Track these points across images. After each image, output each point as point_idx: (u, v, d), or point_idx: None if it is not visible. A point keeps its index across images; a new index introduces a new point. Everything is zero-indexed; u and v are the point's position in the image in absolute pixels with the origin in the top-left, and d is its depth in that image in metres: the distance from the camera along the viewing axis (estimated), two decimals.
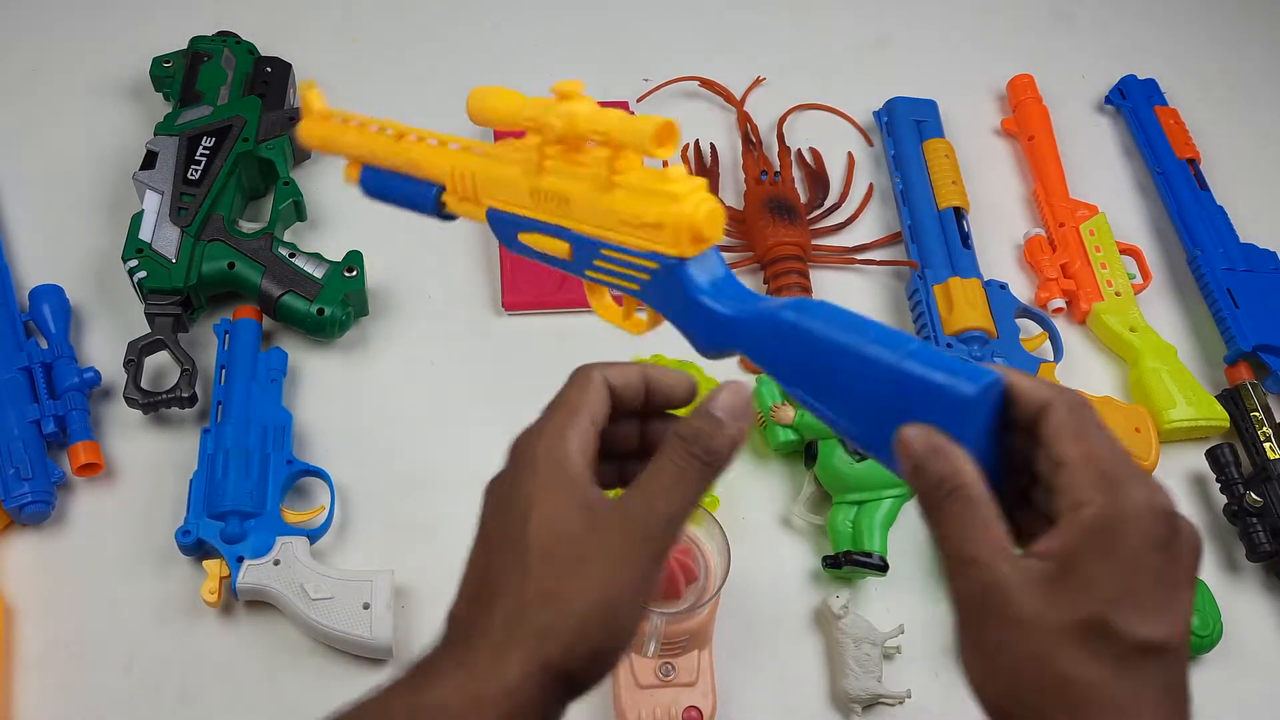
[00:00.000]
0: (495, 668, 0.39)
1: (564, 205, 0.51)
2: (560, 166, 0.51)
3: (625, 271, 0.51)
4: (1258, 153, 1.12)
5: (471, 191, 0.55)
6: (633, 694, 0.70)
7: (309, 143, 0.62)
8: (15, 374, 0.78)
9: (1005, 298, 0.92)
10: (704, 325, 0.49)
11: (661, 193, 0.47)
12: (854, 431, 0.45)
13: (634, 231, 0.49)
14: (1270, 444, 0.86)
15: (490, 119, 0.52)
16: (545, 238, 0.53)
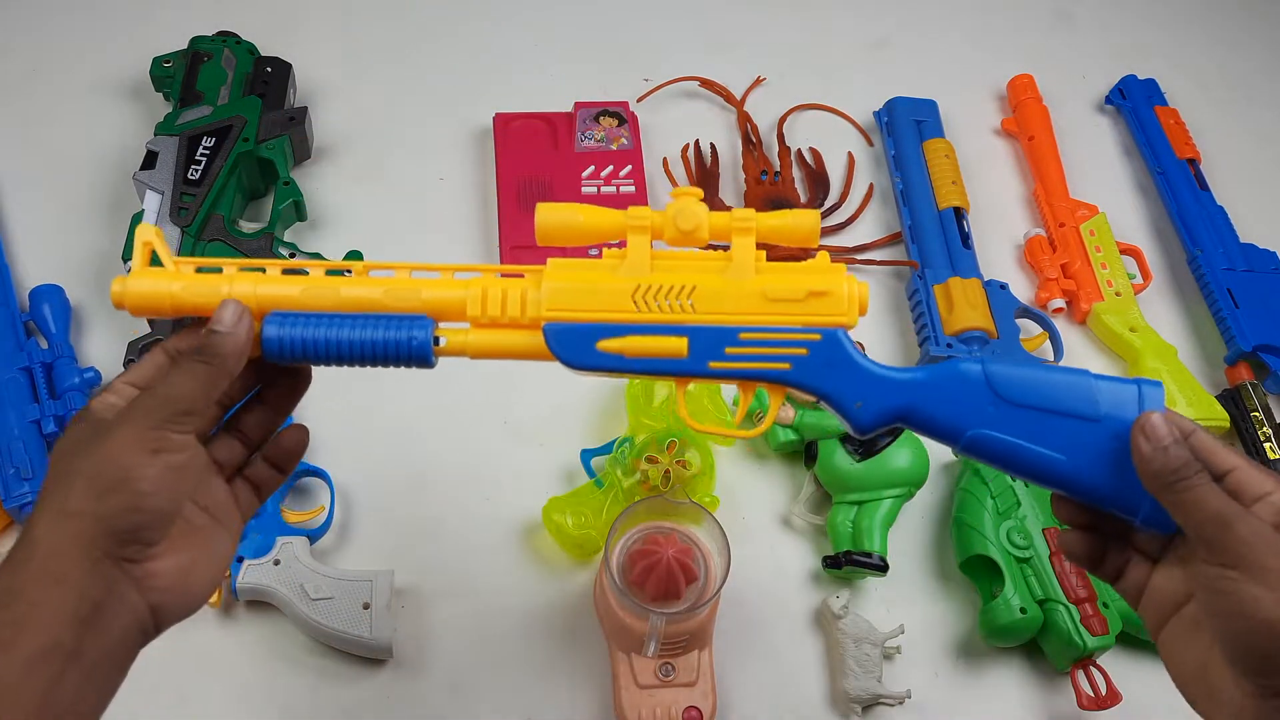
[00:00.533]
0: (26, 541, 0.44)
1: (683, 298, 0.50)
2: (671, 264, 0.51)
3: (772, 352, 0.50)
4: (1258, 153, 1.12)
5: (518, 312, 0.50)
6: (633, 694, 0.70)
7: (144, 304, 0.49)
8: (15, 374, 0.78)
9: (1005, 298, 0.92)
10: (873, 391, 0.51)
11: (812, 269, 0.51)
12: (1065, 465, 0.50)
13: (788, 308, 0.50)
14: (1270, 444, 0.86)
15: (577, 232, 0.51)
16: (649, 339, 0.50)
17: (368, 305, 0.49)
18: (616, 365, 0.50)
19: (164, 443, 0.45)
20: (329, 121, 1.00)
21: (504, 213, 0.94)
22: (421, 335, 0.49)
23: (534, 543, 0.79)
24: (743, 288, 0.50)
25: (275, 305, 0.49)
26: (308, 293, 0.49)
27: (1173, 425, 0.48)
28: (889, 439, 0.80)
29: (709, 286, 0.50)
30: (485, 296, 0.50)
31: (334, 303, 0.49)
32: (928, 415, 0.51)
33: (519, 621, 0.76)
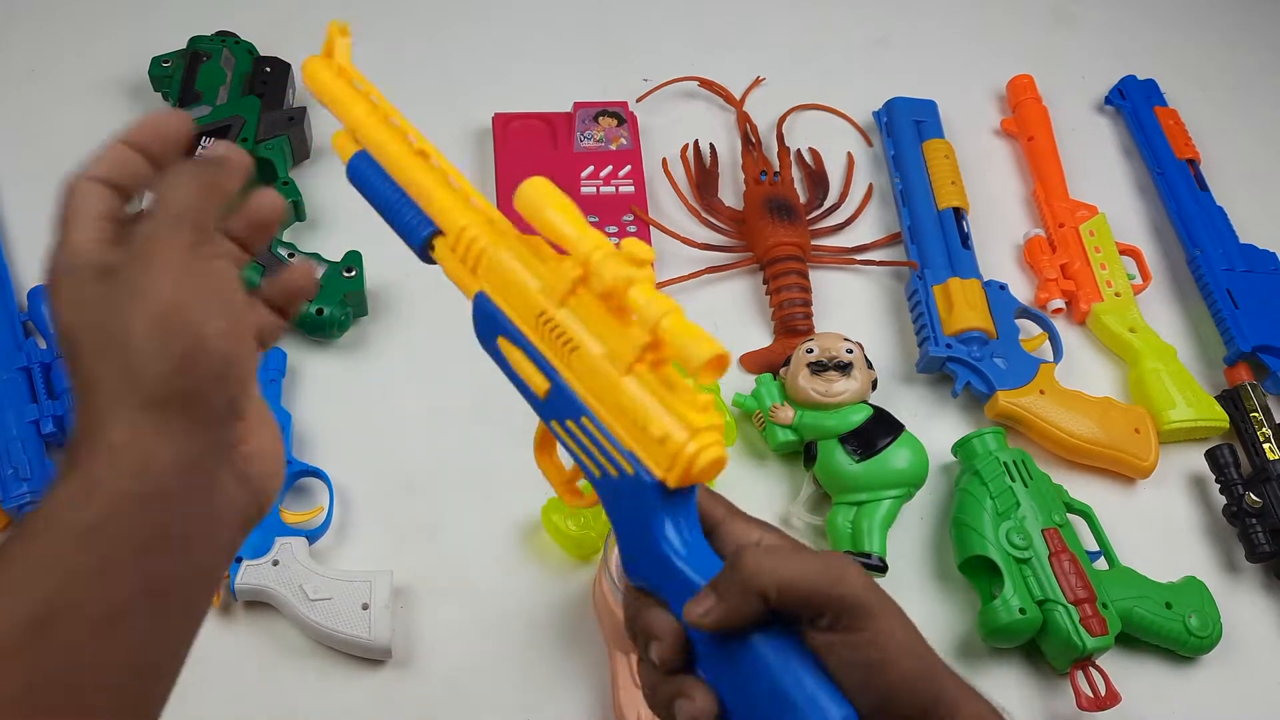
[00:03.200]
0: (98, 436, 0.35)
1: (567, 350, 0.45)
2: (584, 309, 0.45)
3: (595, 454, 0.45)
4: (1258, 153, 1.12)
5: (472, 263, 0.49)
6: (632, 694, 0.70)
7: (310, 82, 0.54)
8: (14, 374, 0.78)
9: (1005, 298, 0.92)
10: (644, 555, 0.44)
11: (678, 411, 0.42)
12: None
13: (628, 425, 0.44)
14: (1270, 445, 0.86)
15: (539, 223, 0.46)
16: (529, 363, 0.47)
17: (404, 182, 0.52)
18: (501, 366, 0.49)
19: (211, 278, 0.38)
20: (328, 121, 0.99)
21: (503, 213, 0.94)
22: (422, 234, 0.51)
23: (533, 543, 0.79)
24: (610, 377, 0.44)
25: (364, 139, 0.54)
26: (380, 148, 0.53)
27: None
28: (889, 439, 0.80)
29: (586, 354, 0.45)
30: (462, 233, 0.49)
31: (391, 166, 0.52)
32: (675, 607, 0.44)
33: (518, 622, 0.76)
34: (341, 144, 0.56)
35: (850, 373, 0.83)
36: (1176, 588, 0.79)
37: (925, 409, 0.89)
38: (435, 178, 0.51)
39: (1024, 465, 0.81)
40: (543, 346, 0.47)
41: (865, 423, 0.81)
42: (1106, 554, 0.80)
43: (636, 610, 0.44)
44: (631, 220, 0.95)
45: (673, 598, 0.43)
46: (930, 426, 0.86)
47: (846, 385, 0.82)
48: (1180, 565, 0.82)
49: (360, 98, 0.55)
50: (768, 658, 0.41)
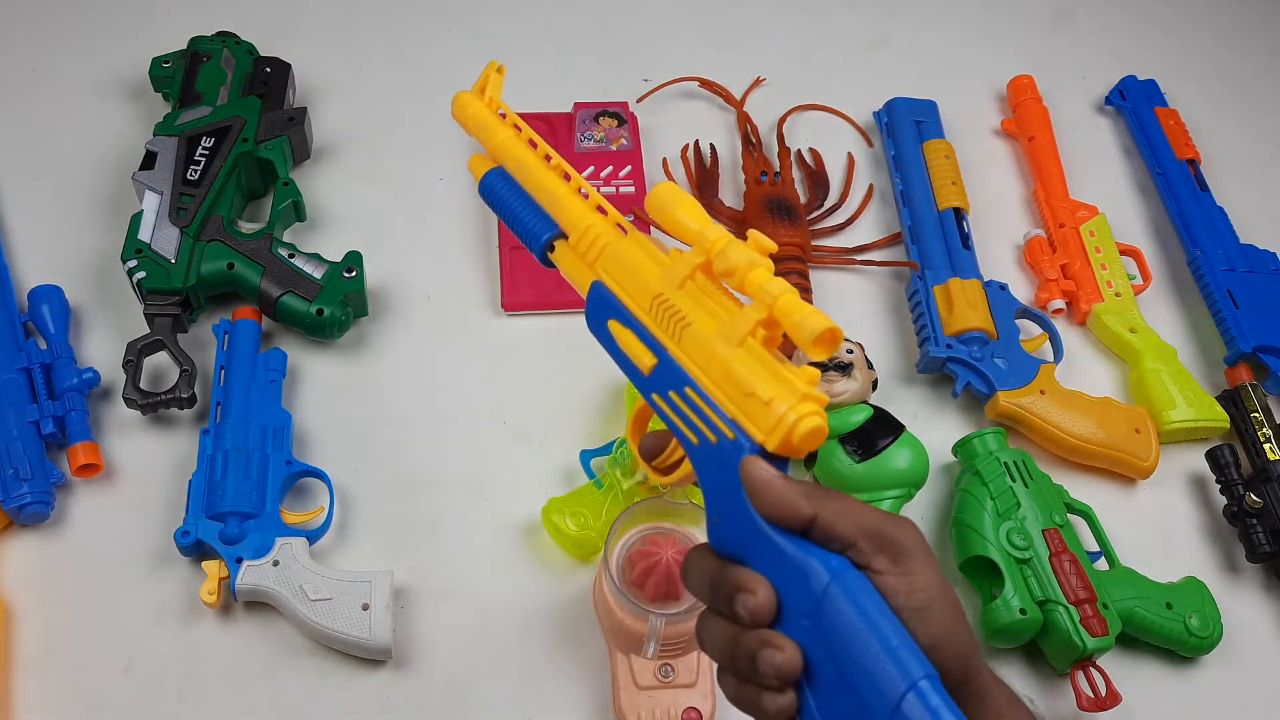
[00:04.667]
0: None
1: (679, 327, 0.50)
2: (699, 294, 0.50)
3: (696, 422, 0.49)
4: (1258, 153, 1.12)
5: (593, 257, 0.54)
6: (632, 695, 0.70)
7: (459, 112, 0.63)
8: (14, 374, 0.78)
9: (1005, 298, 0.92)
10: (733, 518, 0.47)
11: (786, 380, 0.46)
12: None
13: (734, 392, 0.47)
14: (1270, 445, 0.86)
15: (668, 220, 0.50)
16: (637, 341, 0.52)
17: (538, 194, 0.57)
18: (608, 345, 0.53)
19: None
20: (328, 122, 1.00)
21: None
22: (544, 237, 0.56)
23: (533, 543, 0.79)
24: (718, 350, 0.48)
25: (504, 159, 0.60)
26: (513, 161, 0.59)
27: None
28: (889, 439, 0.80)
29: (699, 330, 0.49)
30: (585, 233, 0.55)
31: (526, 180, 0.58)
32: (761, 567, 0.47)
33: (518, 622, 0.76)
34: (477, 166, 0.62)
35: (850, 373, 0.83)
36: (1177, 588, 0.79)
37: (925, 409, 0.89)
38: (569, 189, 0.57)
39: (1024, 465, 0.81)
40: (653, 326, 0.51)
41: (866, 423, 0.81)
42: (1107, 554, 0.80)
43: (720, 569, 0.47)
44: (632, 220, 0.95)
45: (759, 562, 0.46)
46: (930, 427, 0.86)
47: (847, 385, 0.82)
48: (1180, 565, 0.82)
49: (504, 124, 0.61)
50: (851, 612, 0.43)
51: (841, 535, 0.45)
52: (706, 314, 0.50)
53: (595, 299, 0.54)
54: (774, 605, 0.45)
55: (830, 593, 0.44)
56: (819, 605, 0.44)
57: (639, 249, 0.53)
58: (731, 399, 0.48)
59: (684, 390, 0.49)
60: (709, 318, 0.49)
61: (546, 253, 0.57)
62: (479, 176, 0.61)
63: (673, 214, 0.50)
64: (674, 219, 0.50)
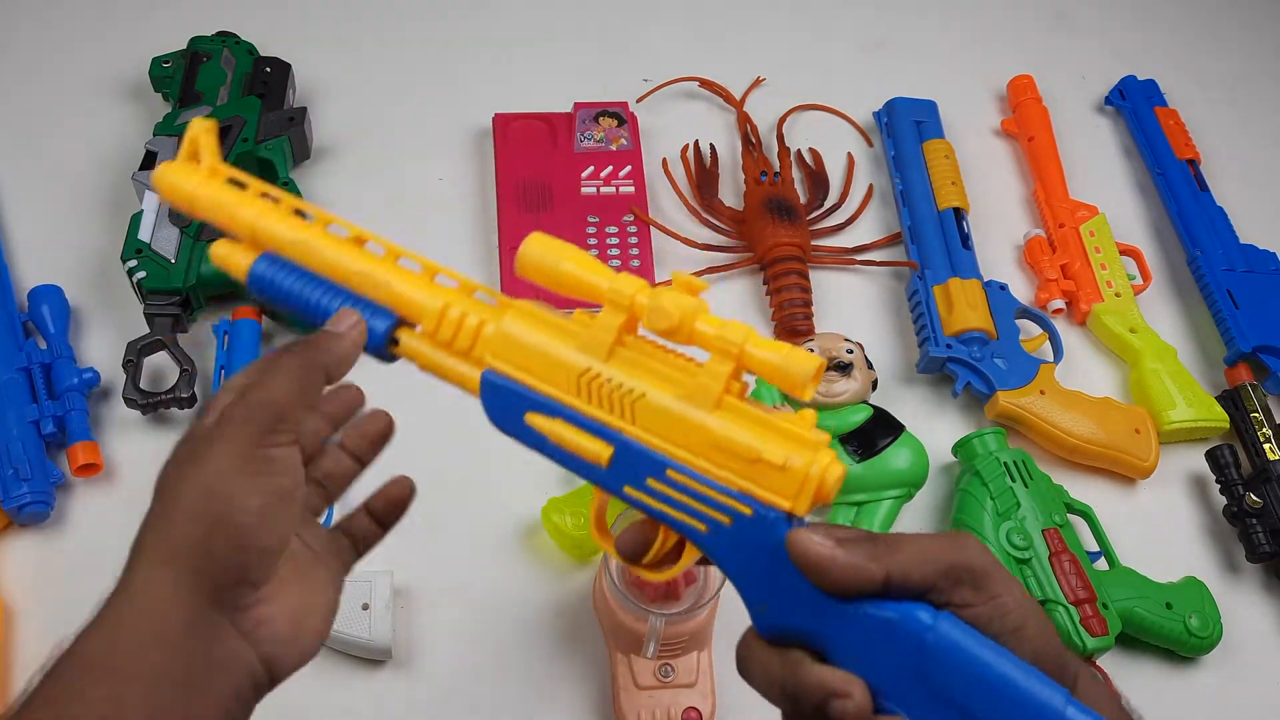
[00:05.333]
0: (124, 581, 0.41)
1: (626, 402, 0.42)
2: (636, 357, 0.43)
3: (696, 507, 0.41)
4: (1258, 153, 1.12)
5: (467, 344, 0.45)
6: (632, 695, 0.70)
7: (170, 194, 0.48)
8: (14, 374, 0.78)
9: (1005, 298, 0.92)
10: (783, 596, 0.40)
11: (789, 434, 0.41)
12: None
13: (732, 462, 0.41)
14: (1270, 445, 0.86)
15: (555, 278, 0.43)
16: (575, 430, 0.43)
17: (341, 277, 0.47)
18: (536, 444, 0.45)
19: (264, 463, 0.41)
20: (328, 122, 1.00)
21: (503, 213, 0.94)
22: (380, 328, 0.46)
23: (533, 543, 0.79)
24: (691, 418, 0.41)
25: (268, 243, 0.48)
26: (297, 246, 0.47)
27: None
28: (889, 439, 0.80)
29: (658, 401, 0.42)
30: (444, 315, 0.45)
31: (316, 263, 0.47)
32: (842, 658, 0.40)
33: (518, 622, 0.76)
34: (227, 255, 0.48)
35: (850, 373, 0.83)
36: (1177, 588, 0.79)
37: (925, 409, 0.89)
38: (385, 263, 0.47)
39: (1024, 465, 0.81)
40: (592, 410, 0.43)
41: (865, 423, 0.81)
42: (1107, 554, 0.80)
43: (794, 672, 0.40)
44: (632, 221, 0.95)
45: (833, 639, 0.40)
46: (930, 427, 0.86)
47: (847, 385, 0.82)
48: (1180, 565, 0.82)
49: (248, 196, 0.48)
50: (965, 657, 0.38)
51: (919, 583, 0.39)
52: (657, 379, 0.42)
53: (495, 394, 0.45)
54: (870, 700, 0.39)
55: (932, 645, 0.38)
56: (924, 664, 0.38)
57: (534, 321, 0.44)
58: (732, 469, 0.41)
59: (665, 475, 0.42)
60: (663, 383, 0.42)
61: (389, 349, 0.47)
62: (235, 268, 0.48)
63: (563, 270, 0.43)
64: (566, 276, 0.43)
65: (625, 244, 0.93)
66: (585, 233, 0.93)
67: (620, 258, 0.92)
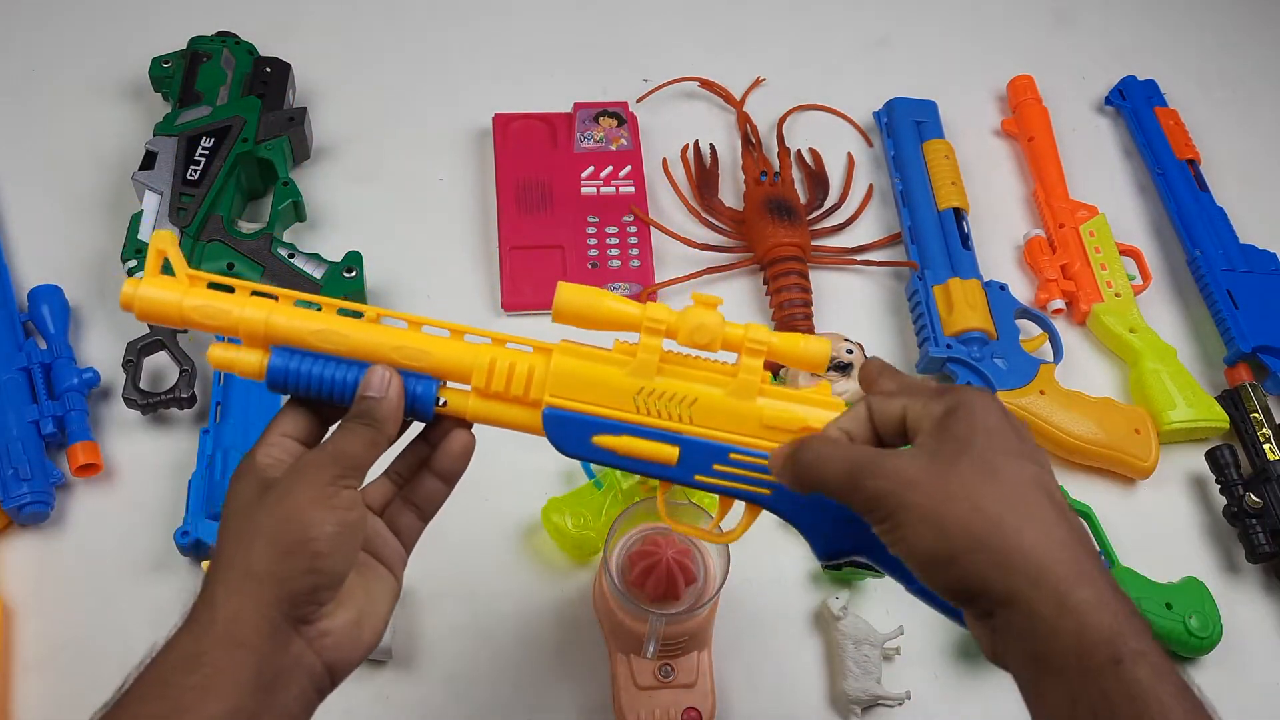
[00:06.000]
0: (208, 594, 0.46)
1: (683, 408, 0.51)
2: (678, 370, 0.52)
3: (756, 477, 0.51)
4: (1258, 153, 1.12)
5: (521, 389, 0.51)
6: (632, 695, 0.70)
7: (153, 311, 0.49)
8: (14, 374, 0.78)
9: (1005, 298, 0.92)
10: (838, 526, 0.51)
11: (812, 402, 0.52)
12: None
13: (780, 437, 0.51)
14: (1270, 445, 0.86)
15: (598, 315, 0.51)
16: (642, 441, 0.51)
17: (377, 357, 0.50)
18: (607, 460, 0.52)
19: (337, 499, 0.47)
20: (328, 122, 1.00)
21: (503, 213, 0.94)
22: (425, 394, 0.51)
23: (533, 544, 0.79)
24: (741, 408, 0.51)
25: (284, 339, 0.50)
26: (320, 334, 0.50)
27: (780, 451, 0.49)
28: None
29: (710, 401, 0.51)
30: (493, 369, 0.51)
31: (345, 348, 0.50)
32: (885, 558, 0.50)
33: (518, 623, 0.76)
34: (233, 359, 0.50)
35: (850, 373, 0.83)
36: (1177, 588, 0.79)
37: None
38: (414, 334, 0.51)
39: None
40: (654, 421, 0.51)
41: None
42: (1107, 554, 0.80)
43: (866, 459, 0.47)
44: (631, 221, 0.95)
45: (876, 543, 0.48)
46: None
47: (847, 386, 0.82)
48: (1180, 565, 0.82)
49: (242, 298, 0.50)
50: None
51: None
52: (703, 384, 0.51)
53: (561, 424, 0.51)
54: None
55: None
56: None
57: (582, 358, 0.52)
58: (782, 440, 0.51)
59: (727, 458, 0.51)
60: (708, 386, 0.51)
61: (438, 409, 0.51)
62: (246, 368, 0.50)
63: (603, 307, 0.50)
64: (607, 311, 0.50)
65: (625, 244, 0.93)
66: (585, 233, 0.93)
67: (620, 258, 0.92)
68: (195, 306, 0.49)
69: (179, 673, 0.44)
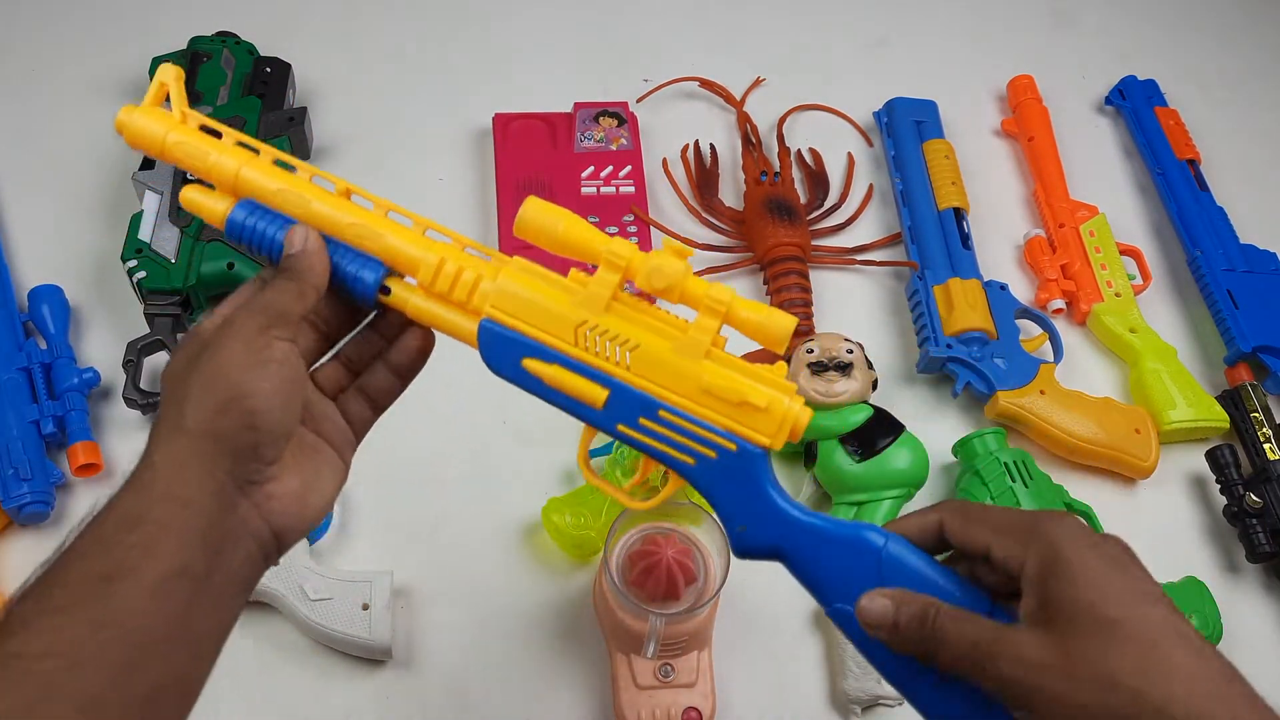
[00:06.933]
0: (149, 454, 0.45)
1: (622, 351, 0.48)
2: (629, 313, 0.48)
3: (683, 441, 0.48)
4: (1258, 153, 1.12)
5: (465, 295, 0.49)
6: (632, 695, 0.70)
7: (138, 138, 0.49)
8: (14, 374, 0.78)
9: (1005, 298, 0.92)
10: (760, 519, 0.48)
11: (761, 377, 0.48)
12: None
13: (719, 405, 0.48)
14: (1270, 445, 0.86)
15: (553, 239, 0.48)
16: (572, 375, 0.48)
17: (331, 229, 0.49)
18: (532, 387, 0.49)
19: (268, 351, 0.46)
20: (328, 122, 1.00)
21: (503, 213, 0.94)
22: (369, 278, 0.49)
23: (533, 543, 0.79)
24: (683, 366, 0.48)
25: (250, 192, 0.49)
26: (282, 194, 0.49)
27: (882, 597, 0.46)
28: (889, 439, 0.80)
29: (652, 350, 0.48)
30: (441, 267, 0.49)
31: (302, 214, 0.49)
32: (806, 568, 0.48)
33: (518, 622, 0.76)
34: (200, 201, 0.49)
35: (850, 373, 0.83)
36: (1177, 588, 0.79)
37: (925, 409, 0.89)
38: (376, 217, 0.50)
39: (1024, 465, 0.81)
40: (589, 357, 0.48)
41: (865, 423, 0.81)
42: None
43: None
44: (632, 220, 0.95)
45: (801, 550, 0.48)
46: (930, 427, 0.86)
47: (847, 385, 0.82)
48: (1180, 565, 0.82)
49: (226, 145, 0.49)
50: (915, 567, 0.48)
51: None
52: (650, 333, 0.48)
53: (493, 340, 0.49)
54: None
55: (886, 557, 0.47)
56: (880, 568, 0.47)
57: (532, 276, 0.49)
58: (720, 411, 0.48)
59: (657, 415, 0.48)
60: (655, 336, 0.48)
61: (380, 297, 0.50)
62: (209, 213, 0.50)
63: (561, 231, 0.48)
64: (565, 236, 0.48)
65: None
66: None
67: None
68: (177, 142, 0.49)
69: (121, 531, 0.42)
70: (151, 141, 0.49)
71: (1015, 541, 0.45)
